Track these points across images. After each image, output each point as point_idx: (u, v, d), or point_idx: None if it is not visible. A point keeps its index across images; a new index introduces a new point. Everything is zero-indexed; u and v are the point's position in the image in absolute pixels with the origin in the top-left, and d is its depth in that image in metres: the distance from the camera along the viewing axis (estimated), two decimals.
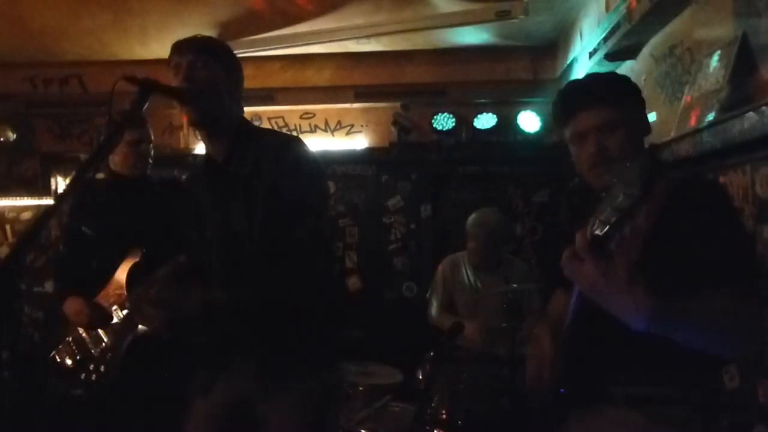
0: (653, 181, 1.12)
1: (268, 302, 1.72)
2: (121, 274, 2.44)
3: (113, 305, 2.38)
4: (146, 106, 1.53)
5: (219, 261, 1.80)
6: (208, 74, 1.74)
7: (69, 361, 2.40)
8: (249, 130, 1.88)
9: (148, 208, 2.48)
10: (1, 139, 4.50)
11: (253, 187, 1.75)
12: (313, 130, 4.75)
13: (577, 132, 1.47)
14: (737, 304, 1.24)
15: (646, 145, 1.51)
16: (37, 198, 4.71)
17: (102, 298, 2.42)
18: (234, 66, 1.85)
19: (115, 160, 2.54)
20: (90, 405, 2.42)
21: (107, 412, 2.41)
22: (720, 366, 1.52)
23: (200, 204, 1.87)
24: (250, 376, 1.75)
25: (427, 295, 3.70)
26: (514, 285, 3.23)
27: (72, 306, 2.39)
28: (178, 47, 1.77)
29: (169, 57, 1.78)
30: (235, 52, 1.91)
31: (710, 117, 2.14)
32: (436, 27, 3.72)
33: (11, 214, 4.81)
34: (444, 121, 4.50)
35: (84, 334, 2.41)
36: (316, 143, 4.70)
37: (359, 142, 4.73)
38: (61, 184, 4.82)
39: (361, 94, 4.53)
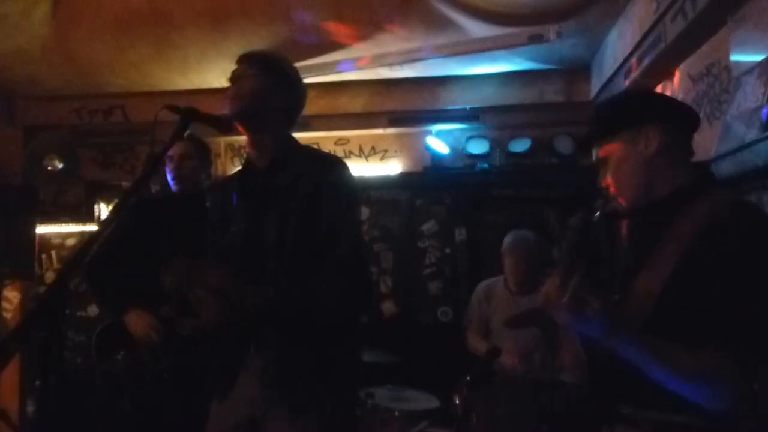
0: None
1: (285, 316, 1.72)
2: None
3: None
4: (186, 133, 1.58)
5: (239, 268, 1.79)
6: (255, 82, 1.81)
7: (126, 376, 2.40)
8: (294, 145, 1.92)
9: (193, 224, 2.52)
10: (49, 168, 4.67)
11: (290, 199, 1.77)
12: (347, 155, 4.81)
13: (594, 159, 1.53)
14: (720, 363, 1.21)
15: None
16: (81, 224, 4.86)
17: None
18: (285, 81, 1.89)
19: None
20: (138, 422, 2.42)
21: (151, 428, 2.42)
22: None
23: (228, 209, 1.90)
24: (257, 393, 1.75)
25: (464, 321, 3.67)
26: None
27: (140, 320, 2.40)
28: (239, 59, 1.89)
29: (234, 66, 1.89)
30: None
31: (751, 135, 2.10)
32: (469, 52, 3.74)
33: (57, 240, 4.97)
34: (478, 146, 4.50)
35: (145, 350, 2.40)
36: (351, 169, 4.73)
37: (393, 167, 4.77)
38: (104, 210, 4.97)
39: (394, 119, 4.57)
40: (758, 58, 2.19)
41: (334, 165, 1.87)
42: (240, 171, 1.96)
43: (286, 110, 1.91)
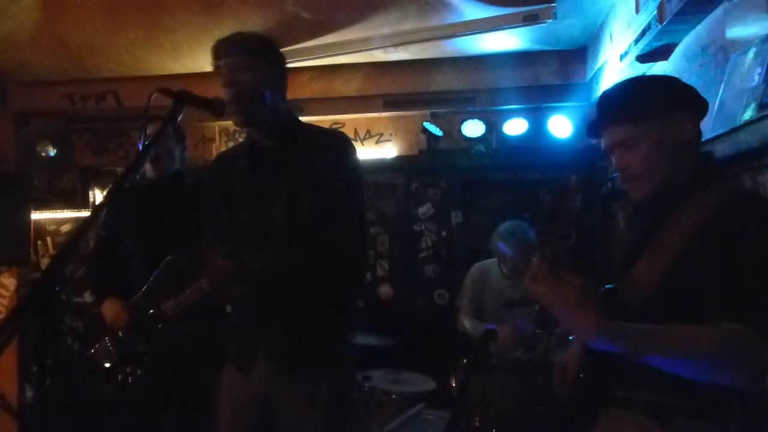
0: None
1: (294, 291, 1.75)
2: None
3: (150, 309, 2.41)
4: (180, 117, 1.57)
5: (249, 244, 1.81)
6: (250, 75, 1.75)
7: (107, 363, 2.43)
8: (297, 124, 1.91)
9: (181, 209, 2.52)
10: (42, 155, 4.63)
11: (300, 176, 1.77)
12: None
13: (605, 148, 1.51)
14: (732, 336, 1.21)
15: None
16: (76, 210, 4.85)
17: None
18: (276, 61, 1.86)
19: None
20: (122, 405, 2.47)
21: (139, 412, 2.45)
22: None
23: (235, 185, 1.88)
24: (268, 372, 1.80)
25: (457, 303, 3.68)
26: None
27: (111, 308, 2.44)
28: (219, 49, 1.78)
29: (212, 59, 1.81)
30: None
31: (747, 116, 2.10)
32: (464, 34, 3.71)
33: (52, 227, 4.96)
34: (473, 128, 4.49)
35: (122, 336, 2.43)
36: None
37: (389, 150, 4.75)
38: (98, 196, 4.95)
39: (389, 102, 4.55)
40: (754, 38, 2.18)
41: (341, 142, 1.88)
42: (245, 148, 1.93)
43: (283, 89, 1.90)
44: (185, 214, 2.40)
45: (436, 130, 4.51)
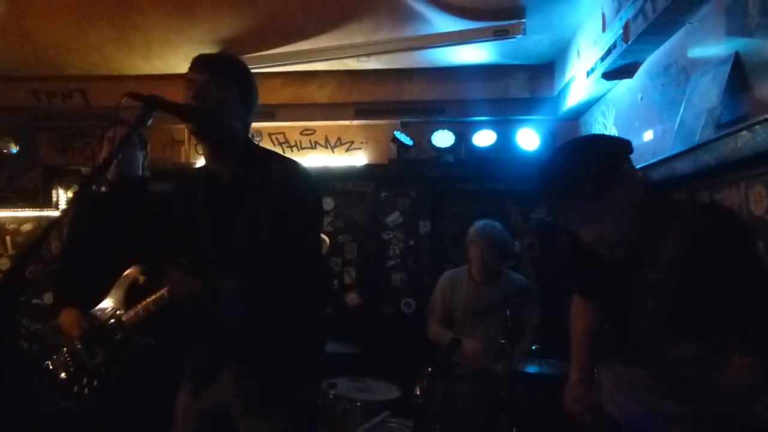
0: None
1: (258, 318, 1.75)
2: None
3: (110, 319, 2.37)
4: (149, 121, 1.56)
5: (213, 273, 1.79)
6: (221, 95, 1.76)
7: (63, 374, 2.36)
8: (254, 151, 1.91)
9: (144, 216, 2.49)
10: (4, 151, 4.53)
11: (258, 206, 1.78)
12: (313, 146, 4.79)
13: (566, 225, 1.50)
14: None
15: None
16: (38, 210, 4.73)
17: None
18: (249, 88, 1.88)
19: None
20: (79, 419, 2.38)
21: (96, 426, 2.38)
22: None
23: (195, 217, 1.88)
24: (232, 390, 1.79)
25: (426, 310, 3.71)
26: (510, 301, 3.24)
27: (68, 317, 2.38)
28: (197, 64, 1.79)
29: (189, 70, 1.80)
30: None
31: (705, 135, 2.17)
32: (435, 46, 3.76)
33: (12, 226, 4.83)
34: (443, 138, 4.54)
35: (79, 346, 2.37)
36: (317, 159, 4.73)
37: (359, 158, 4.77)
38: (62, 196, 4.84)
39: (361, 111, 4.57)
40: (713, 59, 2.26)
41: (295, 171, 1.88)
42: (203, 178, 1.92)
43: (249, 116, 1.91)
44: (145, 222, 2.38)
45: (406, 140, 4.55)
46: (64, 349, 2.40)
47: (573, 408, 1.69)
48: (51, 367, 2.41)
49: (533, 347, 3.07)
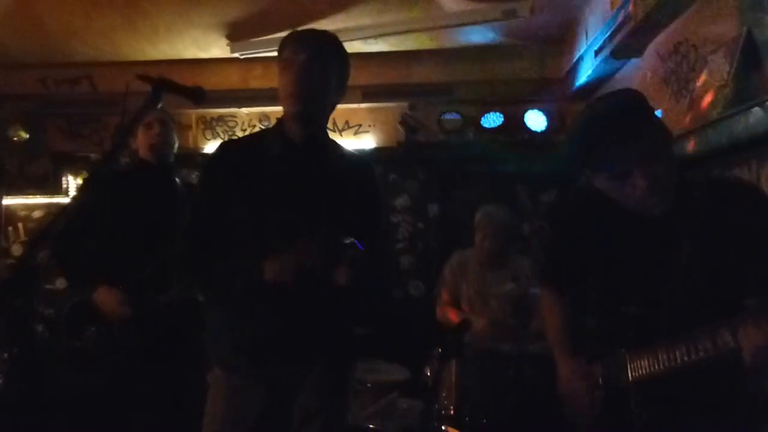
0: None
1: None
2: None
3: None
4: (159, 104, 1.56)
5: (280, 244, 1.65)
6: (322, 76, 1.71)
7: (98, 352, 2.37)
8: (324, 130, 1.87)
9: (171, 202, 2.49)
10: (14, 139, 4.56)
11: (332, 184, 1.73)
12: None
13: (621, 169, 1.37)
14: None
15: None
16: (48, 196, 4.77)
17: None
18: (345, 64, 1.82)
19: (138, 145, 2.58)
20: (111, 394, 2.39)
21: (126, 401, 2.38)
22: None
23: (262, 179, 1.75)
24: (277, 360, 1.72)
25: (434, 292, 3.72)
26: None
27: (109, 297, 2.35)
28: (296, 41, 1.72)
29: (282, 48, 1.74)
30: (243, 52, 1.92)
31: (715, 113, 2.16)
32: (443, 27, 3.74)
33: (23, 212, 4.88)
34: (451, 121, 4.52)
35: (116, 325, 2.36)
36: None
37: (367, 141, 4.76)
38: (71, 182, 4.88)
39: (368, 93, 4.55)
40: (725, 37, 2.23)
41: (370, 163, 1.91)
42: (270, 138, 1.83)
43: (340, 93, 1.84)
44: (170, 205, 2.39)
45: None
46: (94, 328, 2.39)
47: (574, 390, 1.64)
48: (83, 344, 2.39)
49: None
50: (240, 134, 4.63)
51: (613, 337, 1.54)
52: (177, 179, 2.66)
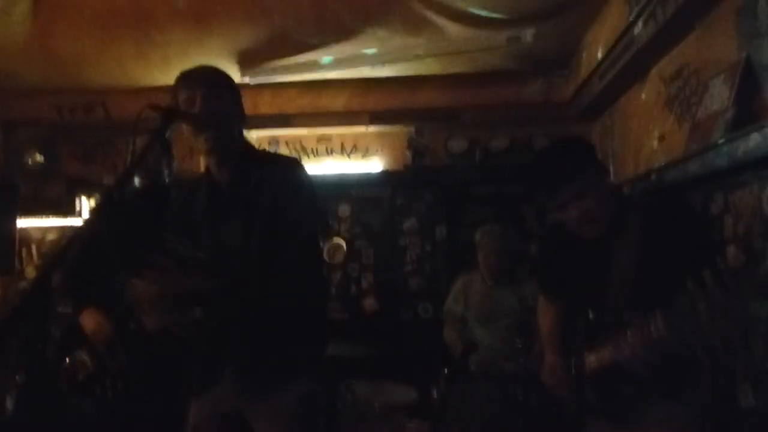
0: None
1: (254, 314, 1.78)
2: None
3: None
4: (168, 132, 1.62)
5: (209, 274, 1.78)
6: (221, 105, 1.85)
7: (81, 375, 2.38)
8: (252, 153, 1.97)
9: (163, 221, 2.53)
10: (30, 163, 4.65)
11: (253, 206, 1.83)
12: (329, 153, 4.85)
13: (559, 204, 1.80)
14: None
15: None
16: (62, 218, 4.84)
17: None
18: (238, 95, 1.98)
19: None
20: (101, 420, 2.42)
21: (118, 427, 2.41)
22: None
23: (193, 221, 1.93)
24: (236, 386, 1.82)
25: (443, 315, 3.73)
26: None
27: (91, 320, 2.39)
28: (188, 81, 1.88)
29: (177, 88, 1.89)
30: (253, 78, 2.01)
31: (716, 138, 2.18)
32: (449, 53, 3.79)
33: (37, 235, 4.94)
34: (458, 144, 4.57)
35: (101, 348, 2.38)
36: (333, 166, 4.79)
37: (374, 165, 4.82)
38: (85, 205, 4.94)
39: (376, 118, 4.61)
40: (725, 62, 2.27)
41: (291, 167, 1.94)
42: (203, 182, 1.98)
43: (243, 119, 1.99)
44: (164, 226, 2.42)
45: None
46: (81, 350, 2.41)
47: (552, 381, 1.99)
48: (69, 367, 2.42)
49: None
50: None
51: (583, 337, 1.84)
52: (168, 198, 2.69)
